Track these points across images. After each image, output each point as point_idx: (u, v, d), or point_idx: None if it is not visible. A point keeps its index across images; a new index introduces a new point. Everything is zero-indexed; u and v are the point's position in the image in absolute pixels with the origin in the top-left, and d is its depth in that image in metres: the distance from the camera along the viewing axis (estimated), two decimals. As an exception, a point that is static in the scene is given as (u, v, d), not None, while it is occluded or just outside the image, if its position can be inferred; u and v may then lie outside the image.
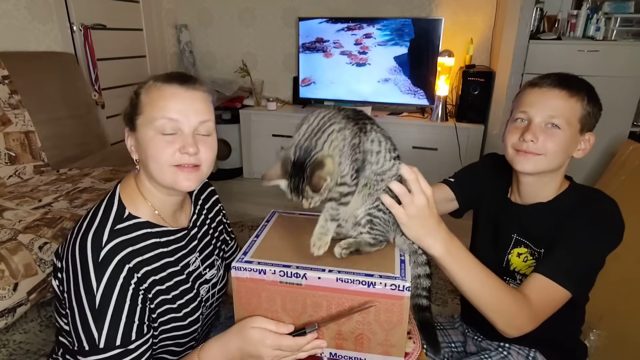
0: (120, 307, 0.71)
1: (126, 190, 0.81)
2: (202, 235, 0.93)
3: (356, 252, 0.73)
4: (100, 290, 0.70)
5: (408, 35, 2.93)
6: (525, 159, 0.88)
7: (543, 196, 0.93)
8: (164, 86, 0.76)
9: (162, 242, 0.81)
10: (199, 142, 0.77)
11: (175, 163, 0.75)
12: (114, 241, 0.73)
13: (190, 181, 0.77)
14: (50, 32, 2.49)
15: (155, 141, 0.74)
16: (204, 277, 0.90)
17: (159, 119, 0.74)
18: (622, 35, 2.64)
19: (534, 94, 0.88)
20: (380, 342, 0.71)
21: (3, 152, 1.93)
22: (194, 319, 0.85)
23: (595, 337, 1.29)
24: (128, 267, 0.72)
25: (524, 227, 0.96)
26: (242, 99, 3.39)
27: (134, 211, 0.78)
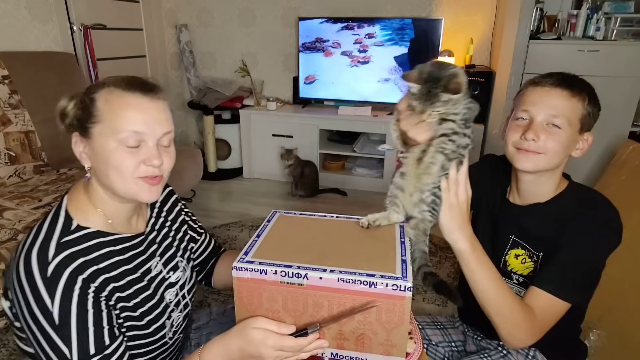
0: (83, 318, 0.68)
1: (74, 201, 0.77)
2: (162, 238, 0.90)
3: (423, 234, 0.81)
4: (56, 307, 0.66)
5: (408, 35, 2.94)
6: (526, 157, 0.88)
7: (541, 194, 0.94)
8: (126, 95, 0.73)
9: (118, 250, 0.78)
10: (162, 153, 0.75)
11: (140, 175, 0.74)
12: (62, 254, 0.69)
13: (152, 193, 0.76)
14: (50, 32, 2.48)
15: (119, 153, 0.71)
16: (168, 281, 0.87)
17: (123, 132, 0.71)
18: (622, 35, 2.64)
19: (536, 93, 0.89)
20: (381, 342, 0.71)
21: (3, 152, 1.93)
22: (158, 326, 0.82)
23: (595, 337, 1.29)
24: (82, 278, 0.69)
25: (522, 228, 0.96)
26: (242, 99, 3.39)
27: (83, 222, 0.75)
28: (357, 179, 3.21)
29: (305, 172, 3.00)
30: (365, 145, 3.26)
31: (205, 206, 2.94)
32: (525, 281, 0.96)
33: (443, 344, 1.12)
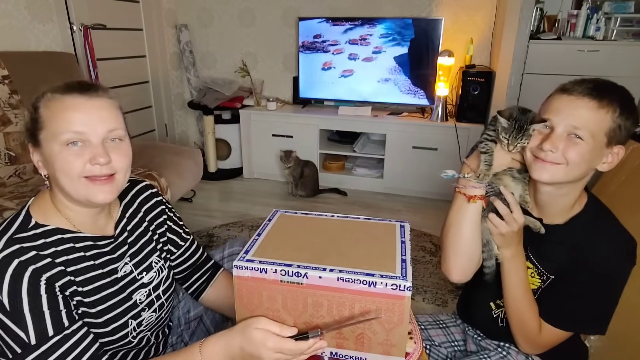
0: (36, 303, 0.67)
1: (38, 204, 0.78)
2: (135, 238, 0.89)
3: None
4: (4, 294, 0.66)
5: (408, 35, 2.94)
6: (543, 167, 0.83)
7: (560, 209, 0.90)
8: (63, 97, 0.73)
9: (79, 247, 0.77)
10: (110, 151, 0.74)
11: (87, 174, 0.73)
12: (11, 247, 0.69)
13: (105, 193, 0.75)
14: (50, 32, 2.49)
15: (63, 155, 0.71)
16: (140, 282, 0.86)
17: (64, 133, 0.71)
18: (622, 35, 2.64)
19: (562, 101, 0.83)
20: (381, 342, 0.71)
21: (3, 152, 1.93)
22: (118, 325, 0.80)
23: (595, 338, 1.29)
24: (33, 268, 0.69)
25: (537, 246, 0.94)
26: (242, 98, 3.39)
27: (41, 220, 0.75)
28: (357, 179, 3.21)
29: (305, 172, 3.00)
30: (365, 145, 3.26)
31: (205, 206, 2.94)
32: None
33: (445, 344, 1.12)
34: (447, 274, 0.96)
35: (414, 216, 2.77)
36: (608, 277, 0.85)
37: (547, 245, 0.93)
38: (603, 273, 0.85)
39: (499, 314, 1.02)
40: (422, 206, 2.94)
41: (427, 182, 3.00)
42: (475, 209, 0.89)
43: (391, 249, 0.76)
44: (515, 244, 0.90)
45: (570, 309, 0.88)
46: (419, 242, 2.41)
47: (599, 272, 0.85)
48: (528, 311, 0.91)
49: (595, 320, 0.88)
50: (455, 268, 0.94)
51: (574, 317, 0.89)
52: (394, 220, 0.88)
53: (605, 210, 0.91)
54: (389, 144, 3.00)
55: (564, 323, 0.89)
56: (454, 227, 0.92)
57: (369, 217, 0.89)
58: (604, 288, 0.86)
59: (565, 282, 0.89)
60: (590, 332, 0.90)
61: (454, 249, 0.94)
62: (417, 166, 2.98)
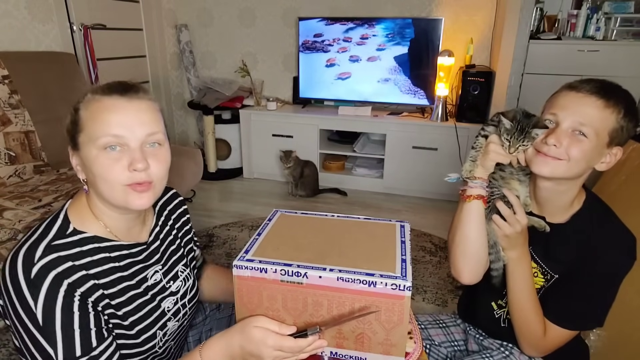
0: (68, 320, 0.67)
1: (76, 207, 0.77)
2: (166, 246, 0.89)
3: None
4: (39, 308, 0.65)
5: (408, 35, 2.94)
6: (544, 162, 0.84)
7: (560, 205, 0.91)
8: (103, 98, 0.71)
9: (114, 257, 0.76)
10: (148, 156, 0.72)
11: (127, 182, 0.71)
12: (49, 257, 0.67)
13: (142, 199, 0.73)
14: (50, 32, 2.49)
15: (101, 159, 0.69)
16: (168, 290, 0.86)
17: (102, 137, 0.69)
18: (622, 35, 2.64)
19: (569, 98, 0.83)
20: (380, 342, 0.71)
21: (3, 152, 1.93)
22: (148, 336, 0.80)
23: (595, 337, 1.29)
24: (68, 282, 0.67)
25: (541, 245, 0.94)
26: (242, 98, 3.39)
27: (79, 227, 0.74)
28: (357, 179, 3.21)
29: (305, 172, 3.00)
30: (365, 145, 3.26)
31: (205, 206, 2.94)
32: None
33: (445, 344, 1.12)
34: (458, 276, 0.96)
35: (414, 216, 2.77)
36: (611, 275, 0.86)
37: (550, 245, 0.93)
38: (607, 272, 0.86)
39: (501, 314, 1.02)
40: (422, 206, 2.94)
41: (427, 182, 3.00)
42: (477, 210, 0.89)
43: (391, 249, 0.76)
44: (521, 245, 0.90)
45: (576, 309, 0.89)
46: (419, 242, 2.41)
47: (604, 271, 0.86)
48: (533, 313, 0.91)
49: (598, 315, 0.89)
50: (465, 270, 0.95)
51: (580, 316, 0.89)
52: (394, 220, 0.88)
53: (604, 208, 0.92)
54: (389, 144, 3.00)
55: (570, 323, 0.89)
56: (459, 230, 0.93)
57: (369, 217, 0.89)
58: (607, 286, 0.87)
59: (570, 282, 0.90)
60: (592, 328, 0.90)
61: (461, 251, 0.94)
62: (417, 166, 2.98)
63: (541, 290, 0.95)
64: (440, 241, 2.43)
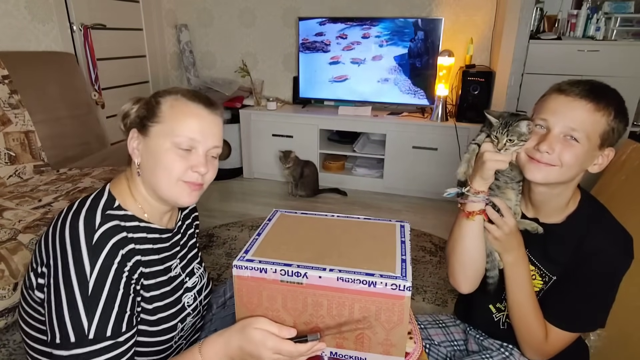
0: (113, 295, 0.69)
1: (117, 187, 0.81)
2: (184, 242, 0.94)
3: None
4: (94, 276, 0.67)
5: (408, 35, 2.94)
6: (537, 168, 0.84)
7: (555, 208, 0.91)
8: (190, 104, 0.79)
9: (150, 238, 0.81)
10: (208, 163, 0.80)
11: (185, 179, 0.78)
12: (108, 224, 0.72)
13: (192, 198, 0.81)
14: (50, 32, 2.49)
15: (171, 154, 0.77)
16: (185, 285, 0.89)
17: (181, 136, 0.76)
18: (622, 35, 2.64)
19: (558, 102, 0.82)
20: (380, 342, 0.71)
21: (3, 152, 1.93)
22: (169, 327, 0.82)
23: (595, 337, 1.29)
24: (122, 254, 0.72)
25: (538, 247, 0.94)
26: (242, 98, 3.39)
27: (122, 204, 0.79)
28: (357, 179, 3.21)
29: (305, 172, 3.00)
30: (365, 145, 3.26)
31: (205, 206, 2.94)
32: None
33: (445, 343, 1.12)
34: (457, 287, 0.97)
35: (414, 216, 2.77)
36: (610, 275, 0.86)
37: (547, 246, 0.93)
38: (605, 271, 0.85)
39: (500, 318, 1.01)
40: (422, 206, 2.94)
41: (427, 182, 3.00)
42: (477, 224, 0.89)
43: (391, 249, 0.76)
44: (515, 248, 0.90)
45: (577, 310, 0.88)
46: (418, 242, 2.41)
47: (601, 271, 0.86)
48: (533, 317, 0.90)
49: (598, 316, 0.88)
50: (465, 282, 0.96)
51: (580, 318, 0.89)
52: (393, 220, 0.89)
53: (599, 207, 0.92)
54: (389, 144, 3.00)
55: (571, 325, 0.89)
56: (459, 244, 0.92)
57: (369, 217, 0.89)
58: (606, 286, 0.87)
59: (569, 284, 0.89)
60: (593, 329, 0.90)
61: (461, 264, 0.94)
62: (417, 166, 2.98)
63: (540, 292, 0.94)
64: (440, 241, 2.43)
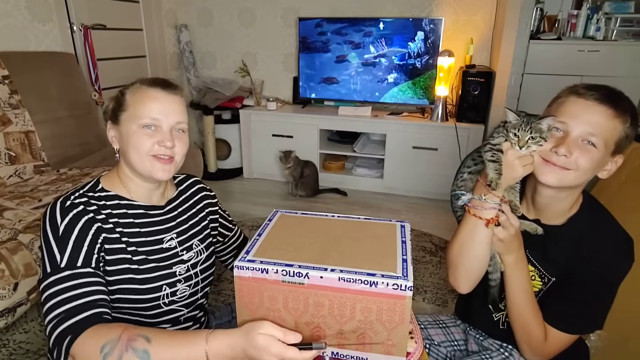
0: (82, 237, 0.82)
1: (107, 175, 0.95)
2: (183, 220, 1.01)
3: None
4: (63, 224, 0.82)
5: (408, 36, 2.94)
6: (552, 171, 0.82)
7: (558, 211, 0.90)
8: (149, 89, 0.89)
9: (131, 214, 0.92)
10: (175, 138, 0.90)
11: (153, 153, 0.88)
12: (83, 198, 0.86)
13: (165, 171, 0.89)
14: (50, 32, 2.48)
15: (138, 134, 0.87)
16: (180, 257, 0.97)
17: (143, 118, 0.87)
18: (622, 35, 2.64)
19: (577, 105, 0.81)
20: (382, 342, 0.71)
21: (3, 152, 1.93)
22: (154, 287, 0.90)
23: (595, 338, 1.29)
24: (92, 215, 0.84)
25: (537, 248, 0.94)
26: (242, 99, 3.39)
27: (107, 187, 0.92)
28: (357, 179, 3.21)
29: (305, 172, 3.00)
30: (365, 145, 3.26)
31: (205, 206, 2.94)
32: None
33: (445, 343, 1.12)
34: (457, 288, 0.97)
35: (414, 216, 2.77)
36: (609, 278, 0.85)
37: (547, 247, 0.93)
38: (604, 273, 0.85)
39: (500, 317, 1.02)
40: (422, 206, 2.94)
41: (427, 182, 3.00)
42: (490, 230, 0.88)
43: (392, 249, 0.76)
44: (516, 250, 0.90)
45: (576, 312, 0.88)
46: (419, 242, 2.41)
47: (601, 273, 0.85)
48: (532, 319, 0.90)
49: (597, 318, 0.88)
50: (466, 284, 0.96)
51: (579, 319, 0.89)
52: (394, 220, 0.89)
53: (601, 210, 0.91)
54: (389, 144, 3.00)
55: (570, 326, 0.89)
56: (469, 250, 0.91)
57: (369, 217, 0.89)
58: (605, 288, 0.86)
59: (568, 285, 0.89)
60: (592, 331, 0.90)
61: (465, 268, 0.93)
62: (417, 166, 2.98)
63: (539, 293, 0.94)
64: (440, 241, 2.43)
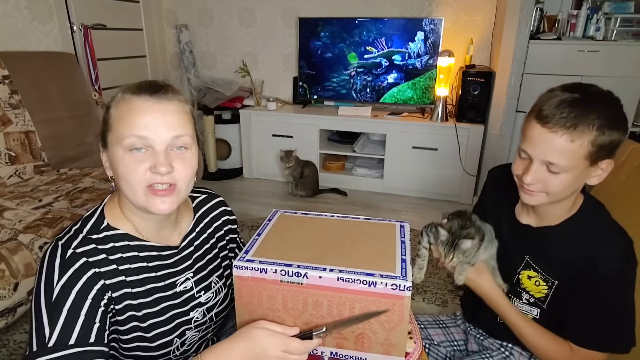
0: (79, 304, 0.66)
1: (110, 204, 0.78)
2: (200, 255, 0.86)
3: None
4: (60, 284, 0.66)
5: (408, 36, 2.94)
6: (529, 195, 0.85)
7: (555, 215, 0.90)
8: (132, 98, 0.69)
9: (142, 257, 0.76)
10: (173, 160, 0.70)
11: (148, 183, 0.69)
12: (86, 247, 0.70)
13: (165, 204, 0.71)
14: (51, 32, 2.49)
15: (126, 161, 0.68)
16: (197, 300, 0.83)
17: (128, 137, 0.67)
18: (622, 35, 2.64)
19: (536, 132, 0.80)
20: (380, 342, 0.71)
21: (3, 152, 1.93)
22: (165, 342, 0.78)
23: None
24: (95, 271, 0.69)
25: (536, 251, 0.94)
26: (242, 99, 3.39)
27: (113, 223, 0.75)
28: (357, 179, 3.21)
29: (305, 172, 3.00)
30: (365, 145, 3.26)
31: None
32: (536, 302, 0.95)
33: (445, 343, 1.12)
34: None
35: (414, 216, 2.77)
36: (620, 287, 0.83)
37: (546, 250, 0.92)
38: (614, 286, 0.83)
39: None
40: (422, 206, 2.94)
41: (427, 182, 3.00)
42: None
43: (391, 249, 0.76)
44: (485, 282, 0.95)
45: (594, 325, 0.85)
46: (419, 242, 2.41)
47: (611, 287, 0.83)
48: (539, 337, 0.91)
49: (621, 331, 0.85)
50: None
51: (601, 333, 0.85)
52: (394, 220, 0.89)
53: (600, 210, 0.90)
54: (389, 144, 3.00)
55: (593, 342, 0.85)
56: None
57: (369, 217, 0.89)
58: (619, 298, 0.84)
59: (580, 298, 0.87)
60: (626, 347, 0.84)
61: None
62: (417, 166, 2.98)
63: (547, 297, 0.93)
64: (440, 241, 2.43)
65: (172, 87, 0.74)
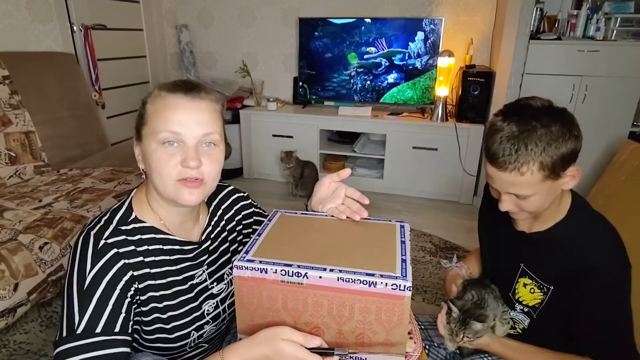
0: (108, 294, 0.70)
1: (138, 196, 0.82)
2: (215, 247, 0.90)
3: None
4: (92, 273, 0.70)
5: (408, 36, 2.94)
6: (514, 216, 0.91)
7: (544, 219, 0.91)
8: (168, 96, 0.74)
9: (166, 250, 0.80)
10: (202, 155, 0.75)
11: (178, 177, 0.74)
12: (117, 237, 0.74)
13: (193, 196, 0.75)
14: (51, 32, 2.49)
15: (158, 153, 0.73)
16: (209, 291, 0.87)
17: (162, 132, 0.72)
18: (622, 35, 2.64)
19: (490, 170, 0.84)
20: (380, 342, 0.71)
21: (3, 152, 1.93)
22: (182, 334, 0.81)
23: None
24: (125, 262, 0.73)
25: (529, 258, 0.94)
26: (242, 99, 3.39)
27: (140, 216, 0.79)
28: (357, 179, 3.21)
29: (306, 173, 3.00)
30: (365, 145, 3.26)
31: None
32: (530, 311, 0.95)
33: (443, 344, 1.11)
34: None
35: (414, 216, 2.77)
36: (615, 294, 0.83)
37: (538, 257, 0.93)
38: (609, 294, 0.83)
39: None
40: (422, 206, 2.94)
41: (427, 182, 3.00)
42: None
43: (391, 249, 0.76)
44: (491, 346, 0.96)
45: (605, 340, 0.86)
46: (418, 242, 2.41)
47: (606, 295, 0.83)
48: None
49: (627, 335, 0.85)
50: None
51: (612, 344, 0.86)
52: (394, 220, 0.88)
53: (586, 209, 0.91)
54: (389, 144, 3.00)
55: (604, 353, 0.86)
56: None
57: (369, 217, 0.89)
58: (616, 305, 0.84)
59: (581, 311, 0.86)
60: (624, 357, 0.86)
61: None
62: (417, 166, 2.98)
63: (542, 304, 0.93)
64: (440, 241, 2.43)
65: (205, 87, 0.78)
